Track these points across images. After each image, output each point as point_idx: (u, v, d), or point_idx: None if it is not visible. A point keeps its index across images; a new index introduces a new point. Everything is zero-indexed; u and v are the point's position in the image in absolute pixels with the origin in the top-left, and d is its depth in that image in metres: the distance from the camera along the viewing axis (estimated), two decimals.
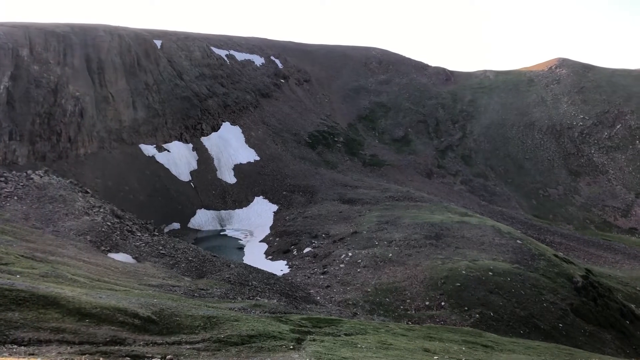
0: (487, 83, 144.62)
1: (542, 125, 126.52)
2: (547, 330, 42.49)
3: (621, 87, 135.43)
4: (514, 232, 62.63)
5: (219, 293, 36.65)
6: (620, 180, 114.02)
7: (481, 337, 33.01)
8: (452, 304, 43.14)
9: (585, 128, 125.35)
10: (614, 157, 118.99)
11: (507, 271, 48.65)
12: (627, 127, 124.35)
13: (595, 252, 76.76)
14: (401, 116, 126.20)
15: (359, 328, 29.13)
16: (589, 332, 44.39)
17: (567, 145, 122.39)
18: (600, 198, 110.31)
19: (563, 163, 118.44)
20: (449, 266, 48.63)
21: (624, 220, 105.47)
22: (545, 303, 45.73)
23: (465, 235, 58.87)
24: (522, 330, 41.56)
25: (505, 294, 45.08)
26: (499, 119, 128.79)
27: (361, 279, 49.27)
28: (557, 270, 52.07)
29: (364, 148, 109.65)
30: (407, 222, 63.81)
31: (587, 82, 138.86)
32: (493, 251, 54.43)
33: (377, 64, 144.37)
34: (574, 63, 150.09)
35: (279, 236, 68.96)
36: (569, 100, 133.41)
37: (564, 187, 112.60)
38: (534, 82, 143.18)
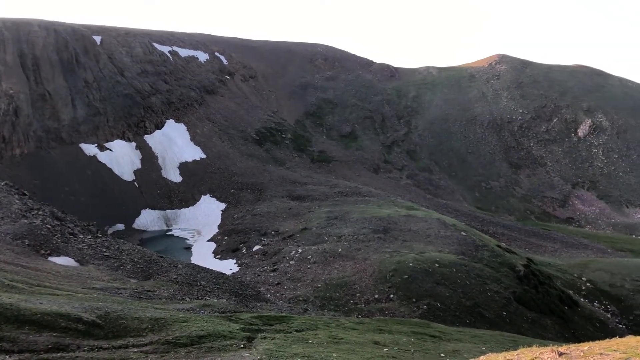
0: (430, 79, 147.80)
1: (483, 120, 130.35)
2: (491, 319, 43.79)
3: (557, 82, 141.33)
4: (459, 224, 64.24)
5: (167, 294, 35.85)
6: (557, 172, 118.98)
7: (429, 327, 33.67)
8: (401, 296, 43.81)
9: (524, 122, 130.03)
10: (552, 150, 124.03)
11: (453, 262, 49.82)
12: (563, 120, 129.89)
13: (535, 242, 79.71)
14: (348, 112, 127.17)
15: (310, 324, 29.14)
16: (531, 318, 46.05)
17: (508, 138, 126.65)
18: (539, 189, 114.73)
19: (504, 156, 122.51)
20: (397, 259, 49.36)
21: (562, 211, 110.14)
22: (489, 292, 47.11)
23: (412, 229, 59.92)
24: (468, 320, 42.65)
25: (452, 285, 46.16)
26: (442, 114, 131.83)
27: (311, 275, 49.33)
28: (500, 260, 53.75)
29: (312, 144, 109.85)
30: (356, 217, 64.37)
31: (525, 77, 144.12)
32: (439, 243, 55.63)
33: (323, 61, 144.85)
34: (513, 59, 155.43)
35: (227, 235, 68.16)
36: (509, 95, 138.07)
37: (505, 180, 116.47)
38: (475, 77, 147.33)
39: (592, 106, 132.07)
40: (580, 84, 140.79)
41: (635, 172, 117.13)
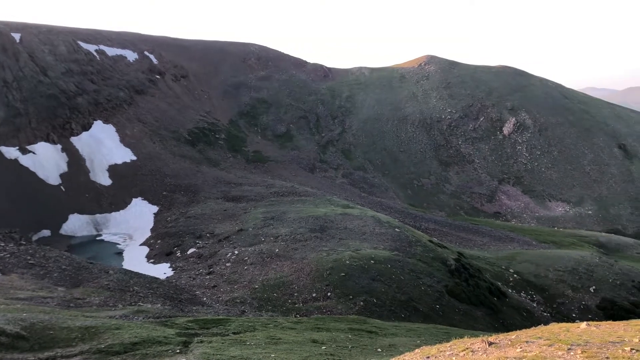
0: (362, 79, 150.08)
1: (414, 119, 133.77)
2: (425, 312, 44.97)
3: (483, 82, 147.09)
4: (393, 221, 65.58)
5: (98, 301, 34.56)
6: (485, 168, 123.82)
7: (366, 323, 34.19)
8: (338, 294, 44.23)
9: (453, 121, 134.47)
10: (479, 148, 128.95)
11: (388, 258, 50.80)
12: (489, 119, 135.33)
13: (465, 236, 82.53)
14: (282, 112, 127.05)
15: (248, 325, 28.92)
16: (462, 310, 47.65)
17: (437, 137, 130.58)
18: (468, 186, 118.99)
19: (434, 154, 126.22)
20: (334, 257, 49.79)
21: (490, 205, 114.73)
22: (423, 286, 48.37)
23: (348, 227, 60.63)
24: (403, 314, 43.60)
25: (387, 281, 47.05)
26: (375, 114, 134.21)
27: (248, 276, 48.93)
28: (432, 255, 55.32)
29: (246, 144, 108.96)
30: (293, 217, 64.40)
31: (453, 78, 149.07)
32: (374, 240, 56.58)
33: (256, 60, 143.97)
34: (441, 60, 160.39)
35: (160, 238, 66.44)
36: (438, 95, 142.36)
37: (435, 177, 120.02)
38: (405, 78, 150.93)
39: (516, 105, 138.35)
40: (505, 84, 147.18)
41: (556, 167, 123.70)
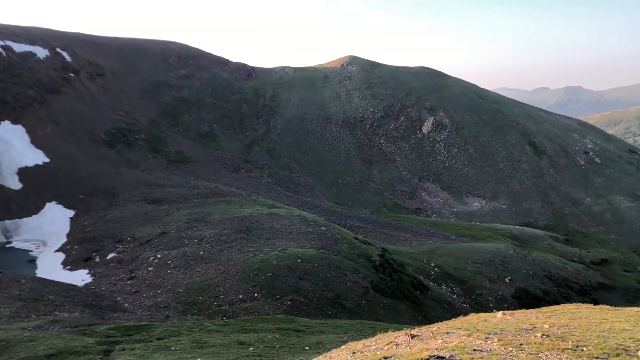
0: (286, 79, 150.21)
1: (338, 119, 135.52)
2: (352, 308, 45.66)
3: (403, 82, 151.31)
4: (319, 220, 66.11)
5: (9, 313, 32.50)
6: (406, 166, 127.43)
7: (293, 322, 34.24)
8: (265, 294, 44.02)
9: (375, 120, 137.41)
10: (400, 146, 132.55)
11: (314, 257, 51.14)
12: (410, 118, 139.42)
13: (389, 232, 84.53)
14: (205, 111, 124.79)
15: (172, 330, 28.18)
16: (387, 305, 48.79)
17: (361, 136, 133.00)
18: (390, 183, 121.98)
19: (358, 153, 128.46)
20: (260, 258, 49.52)
21: (411, 202, 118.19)
22: (349, 283, 49.08)
23: (274, 226, 60.48)
24: (330, 311, 44.05)
25: (314, 279, 47.36)
26: (300, 114, 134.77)
27: (172, 280, 47.70)
28: (357, 251, 56.26)
29: (168, 145, 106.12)
30: (217, 218, 63.41)
31: (374, 78, 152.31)
32: (301, 239, 56.79)
33: (177, 59, 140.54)
34: (363, 60, 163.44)
35: (78, 244, 63.40)
36: (360, 95, 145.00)
37: (359, 175, 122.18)
38: (328, 78, 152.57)
39: (434, 105, 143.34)
40: (423, 84, 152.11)
41: (472, 164, 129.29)
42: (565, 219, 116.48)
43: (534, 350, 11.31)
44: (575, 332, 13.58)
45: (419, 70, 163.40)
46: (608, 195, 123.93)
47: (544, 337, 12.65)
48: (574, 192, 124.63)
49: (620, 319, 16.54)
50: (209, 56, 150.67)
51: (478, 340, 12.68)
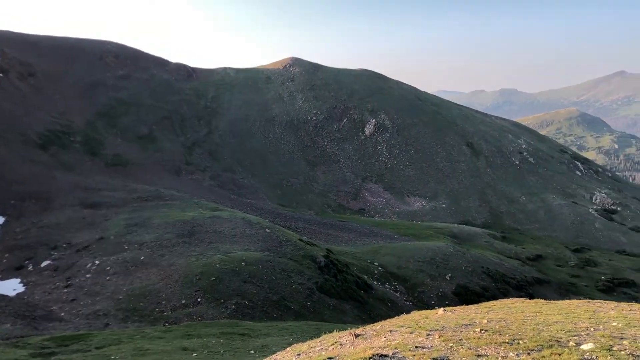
0: (228, 80, 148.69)
1: (281, 120, 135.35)
2: (297, 310, 45.68)
3: (345, 85, 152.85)
4: (263, 222, 65.75)
5: None
6: (349, 167, 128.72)
7: (238, 326, 33.93)
8: (209, 299, 43.38)
9: (319, 122, 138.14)
10: (343, 148, 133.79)
11: (259, 260, 50.84)
12: (352, 120, 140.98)
13: (333, 233, 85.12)
14: (144, 113, 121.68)
15: (112, 339, 27.31)
16: (332, 305, 49.11)
17: (304, 138, 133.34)
18: (334, 184, 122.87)
19: (302, 155, 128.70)
20: (204, 262, 48.77)
21: (355, 202, 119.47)
22: (294, 285, 49.08)
23: (217, 230, 59.68)
24: (275, 314, 43.90)
25: (259, 282, 47.07)
26: (242, 115, 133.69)
27: (111, 287, 46.20)
28: (302, 253, 56.35)
29: (105, 147, 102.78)
30: (158, 222, 61.95)
31: (317, 80, 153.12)
32: (245, 242, 56.31)
33: (114, 58, 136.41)
34: (305, 62, 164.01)
35: (8, 251, 60.32)
36: (303, 97, 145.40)
37: (304, 177, 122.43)
38: (271, 79, 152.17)
39: (376, 107, 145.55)
40: (365, 86, 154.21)
41: (413, 165, 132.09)
42: (501, 216, 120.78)
43: (473, 345, 11.64)
44: (512, 326, 14.08)
45: (360, 73, 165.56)
46: (541, 194, 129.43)
47: (482, 332, 13.05)
48: (510, 191, 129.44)
49: (554, 311, 17.28)
50: (147, 56, 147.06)
51: (420, 337, 12.93)
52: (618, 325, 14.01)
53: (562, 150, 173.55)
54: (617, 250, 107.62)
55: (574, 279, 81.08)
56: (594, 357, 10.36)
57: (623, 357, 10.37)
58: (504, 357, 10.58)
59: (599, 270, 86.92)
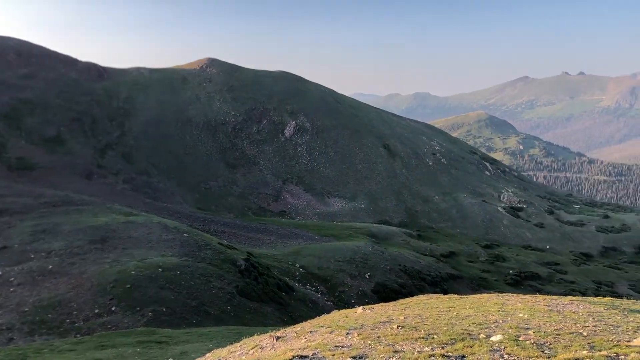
0: (142, 80, 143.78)
1: (198, 122, 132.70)
2: (217, 315, 44.90)
3: (264, 86, 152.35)
4: (181, 226, 64.15)
5: None
6: (269, 169, 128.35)
7: (155, 334, 32.86)
8: (124, 307, 41.70)
9: (237, 124, 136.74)
10: (263, 149, 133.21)
11: (177, 265, 49.54)
12: (272, 122, 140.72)
13: (254, 236, 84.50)
14: (51, 114, 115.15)
15: (17, 354, 25.60)
16: (253, 309, 48.70)
17: (223, 140, 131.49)
18: (254, 187, 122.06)
19: (220, 157, 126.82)
20: (118, 269, 46.85)
21: (276, 205, 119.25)
22: (214, 290, 48.23)
23: (132, 235, 57.52)
24: (194, 320, 42.92)
25: (177, 288, 45.85)
26: (157, 116, 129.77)
27: (16, 299, 43.28)
28: (222, 257, 55.50)
29: (7, 150, 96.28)
30: (68, 229, 58.79)
31: (235, 81, 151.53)
32: (161, 247, 54.67)
33: (17, 56, 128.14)
34: (223, 63, 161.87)
35: None
36: (221, 98, 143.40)
37: (223, 179, 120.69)
38: (187, 80, 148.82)
39: (295, 109, 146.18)
40: (284, 88, 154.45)
41: (332, 166, 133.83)
42: (417, 215, 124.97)
43: (391, 341, 11.92)
44: (427, 321, 14.56)
45: (279, 75, 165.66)
46: (453, 193, 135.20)
47: (399, 329, 13.39)
48: (424, 191, 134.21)
49: (466, 306, 18.05)
50: (54, 55, 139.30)
51: (339, 336, 13.08)
52: (524, 317, 14.85)
53: (472, 152, 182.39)
54: (523, 245, 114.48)
55: (484, 274, 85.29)
56: (502, 348, 10.91)
57: (528, 346, 10.99)
58: (420, 351, 10.91)
59: (507, 265, 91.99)
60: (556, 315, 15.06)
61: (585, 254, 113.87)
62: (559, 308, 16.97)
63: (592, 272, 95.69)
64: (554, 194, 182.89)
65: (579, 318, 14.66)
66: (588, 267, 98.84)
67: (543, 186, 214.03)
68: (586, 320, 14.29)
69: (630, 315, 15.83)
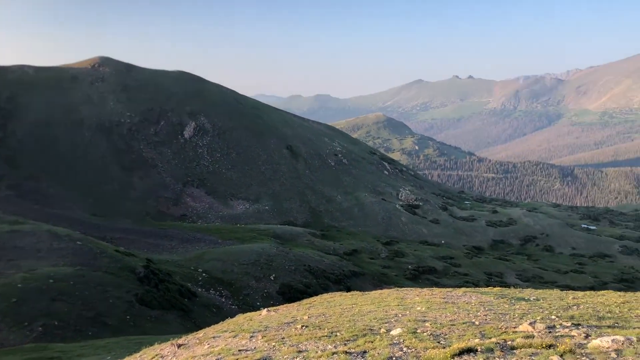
0: (27, 79, 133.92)
1: (91, 123, 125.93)
2: (116, 325, 42.88)
3: (162, 86, 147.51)
4: (73, 234, 60.52)
5: None
6: (169, 172, 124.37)
7: (46, 350, 30.79)
8: (9, 323, 38.62)
9: (133, 125, 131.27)
10: (162, 152, 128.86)
11: (70, 275, 46.72)
12: (171, 123, 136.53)
13: (154, 242, 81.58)
14: None
15: None
16: (154, 317, 46.99)
17: (118, 142, 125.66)
18: (153, 190, 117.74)
19: (116, 159, 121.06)
20: (2, 282, 43.33)
21: (176, 208, 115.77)
22: (111, 299, 46.01)
23: (18, 245, 53.43)
24: (90, 332, 40.69)
25: (70, 299, 43.22)
26: (45, 118, 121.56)
27: None
28: (120, 265, 53.07)
29: None
30: None
31: (131, 81, 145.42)
32: (52, 257, 51.27)
33: None
34: (117, 62, 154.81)
35: None
36: (115, 98, 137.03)
37: (119, 183, 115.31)
38: (78, 79, 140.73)
39: (195, 110, 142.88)
40: (183, 89, 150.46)
41: (235, 168, 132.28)
42: (320, 215, 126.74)
43: (295, 341, 11.93)
44: (331, 319, 14.75)
45: (178, 75, 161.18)
46: (355, 192, 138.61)
47: (303, 328, 13.45)
48: (327, 191, 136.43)
49: (367, 302, 18.51)
50: None
51: (243, 340, 12.91)
52: (422, 309, 15.47)
53: (372, 152, 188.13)
54: (421, 241, 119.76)
55: (385, 270, 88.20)
56: (402, 341, 11.28)
57: (425, 338, 11.44)
58: (323, 350, 11.01)
59: (406, 260, 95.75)
60: (451, 307, 15.82)
61: (477, 247, 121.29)
62: (454, 300, 17.86)
63: (484, 264, 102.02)
64: (447, 192, 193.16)
65: (471, 308, 15.50)
66: (480, 260, 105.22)
67: (437, 184, 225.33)
68: (478, 310, 15.14)
69: (516, 303, 16.99)
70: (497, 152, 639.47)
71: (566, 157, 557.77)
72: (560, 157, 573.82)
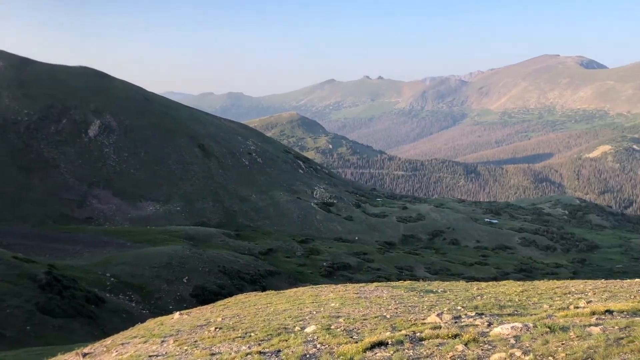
0: None
1: None
2: (14, 337, 40.19)
3: (63, 82, 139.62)
4: None
5: None
6: (72, 173, 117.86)
7: None
8: None
9: (32, 123, 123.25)
10: (64, 151, 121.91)
11: None
12: (73, 121, 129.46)
13: (57, 247, 77.13)
14: None
15: None
16: (58, 326, 44.48)
17: (15, 141, 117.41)
18: (55, 192, 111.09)
19: (12, 160, 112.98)
20: None
21: (80, 211, 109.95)
22: (9, 309, 43.06)
23: None
24: None
25: None
26: None
27: None
28: (18, 272, 49.76)
29: None
30: None
31: (27, 76, 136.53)
32: None
33: None
34: (10, 55, 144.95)
35: None
36: (10, 94, 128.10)
37: (16, 185, 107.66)
38: None
39: (100, 107, 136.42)
40: (87, 85, 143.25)
41: (144, 168, 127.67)
42: (235, 215, 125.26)
43: (208, 344, 11.68)
44: (245, 320, 14.58)
45: (80, 71, 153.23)
46: (270, 191, 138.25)
47: (217, 330, 13.20)
48: (241, 190, 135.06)
49: (282, 300, 18.49)
50: None
51: (154, 345, 12.46)
52: (335, 306, 15.67)
53: (287, 151, 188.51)
54: (335, 238, 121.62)
55: (301, 268, 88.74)
56: (316, 338, 11.35)
57: (338, 334, 11.59)
58: (237, 351, 10.85)
59: (321, 258, 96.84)
60: (364, 302, 16.16)
61: (389, 243, 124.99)
62: (367, 294, 18.26)
63: (395, 258, 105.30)
64: (360, 189, 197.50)
65: (383, 302, 15.92)
66: (391, 255, 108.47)
67: (351, 182, 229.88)
68: (389, 303, 15.57)
69: (425, 296, 17.64)
70: (407, 151, 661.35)
71: (470, 155, 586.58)
72: (464, 154, 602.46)
